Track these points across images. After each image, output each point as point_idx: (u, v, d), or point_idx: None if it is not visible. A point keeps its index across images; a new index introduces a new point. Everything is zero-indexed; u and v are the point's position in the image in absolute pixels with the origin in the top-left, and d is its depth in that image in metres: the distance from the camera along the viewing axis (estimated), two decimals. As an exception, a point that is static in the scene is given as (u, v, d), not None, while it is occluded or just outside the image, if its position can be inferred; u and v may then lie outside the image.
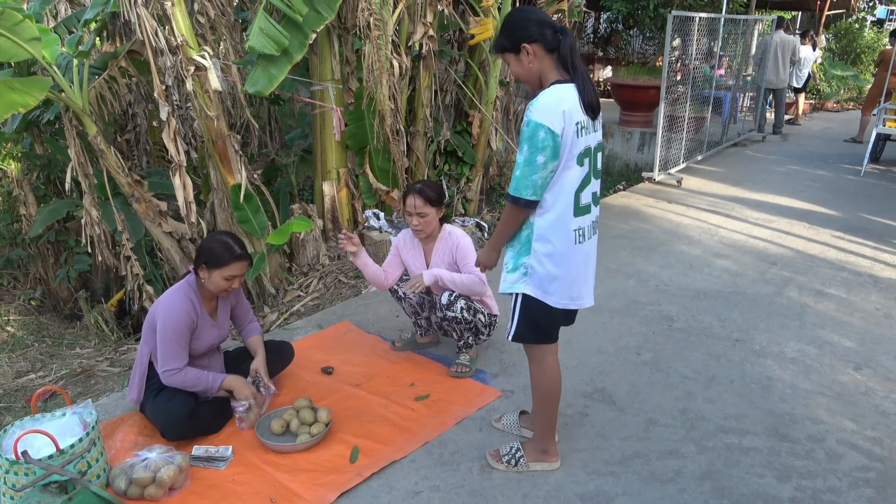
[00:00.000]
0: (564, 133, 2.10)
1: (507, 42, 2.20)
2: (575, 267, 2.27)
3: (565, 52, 2.15)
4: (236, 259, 2.71)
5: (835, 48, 15.68)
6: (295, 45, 4.18)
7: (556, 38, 2.15)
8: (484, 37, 5.35)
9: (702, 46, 7.91)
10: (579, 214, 2.23)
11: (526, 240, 2.27)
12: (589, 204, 2.27)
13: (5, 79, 3.83)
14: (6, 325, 5.56)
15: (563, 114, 2.09)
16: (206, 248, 2.72)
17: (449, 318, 3.16)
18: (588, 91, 2.14)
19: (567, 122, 2.10)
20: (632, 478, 2.54)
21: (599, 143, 2.29)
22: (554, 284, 2.26)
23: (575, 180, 2.19)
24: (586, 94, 2.14)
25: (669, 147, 7.73)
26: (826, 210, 6.43)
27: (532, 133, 2.09)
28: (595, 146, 2.25)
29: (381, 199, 5.35)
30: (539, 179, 2.13)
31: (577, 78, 2.14)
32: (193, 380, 2.70)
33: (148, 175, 5.49)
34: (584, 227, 2.26)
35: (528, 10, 2.21)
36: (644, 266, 4.82)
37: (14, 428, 2.43)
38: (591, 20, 15.22)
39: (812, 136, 10.84)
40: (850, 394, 3.16)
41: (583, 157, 2.18)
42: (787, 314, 4.03)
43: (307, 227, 4.52)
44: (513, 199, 2.19)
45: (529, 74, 2.21)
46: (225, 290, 2.77)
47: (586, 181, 2.22)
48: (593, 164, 2.25)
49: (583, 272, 2.32)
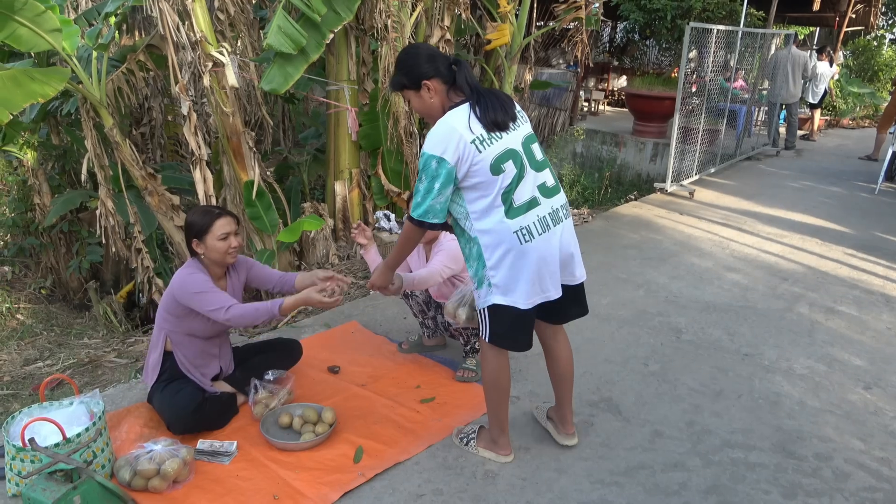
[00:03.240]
0: (460, 157, 2.18)
1: (406, 80, 2.29)
2: (532, 264, 2.28)
3: (461, 82, 2.25)
4: (218, 216, 2.70)
5: (852, 65, 15.59)
6: (312, 45, 4.20)
7: (451, 70, 2.26)
8: (500, 42, 5.36)
9: (718, 59, 7.88)
10: (517, 215, 2.25)
11: (477, 254, 2.32)
12: (532, 199, 2.28)
13: (26, 69, 3.87)
14: (16, 312, 5.60)
15: (454, 140, 2.17)
16: (189, 224, 2.73)
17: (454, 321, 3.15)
18: (488, 106, 2.21)
19: (460, 145, 2.18)
20: (636, 489, 2.52)
21: (528, 137, 2.32)
22: (517, 286, 2.29)
23: (496, 186, 2.22)
24: (486, 110, 2.20)
25: (683, 158, 7.70)
26: (839, 227, 6.39)
27: (425, 163, 2.21)
28: (523, 142, 2.29)
29: (392, 200, 5.36)
30: (438, 204, 2.24)
31: (472, 96, 2.23)
32: (252, 310, 2.62)
33: (161, 169, 5.53)
34: (528, 225, 2.26)
35: (419, 47, 2.35)
36: (654, 277, 4.80)
37: (22, 415, 2.45)
38: (607, 29, 15.21)
39: (827, 153, 10.78)
40: (859, 413, 3.13)
41: (502, 161, 2.22)
42: (798, 330, 4.00)
43: (318, 225, 4.54)
44: (417, 223, 2.28)
45: (431, 109, 2.31)
46: (227, 253, 2.71)
47: (518, 179, 2.25)
48: (527, 159, 2.29)
49: (545, 266, 2.31)
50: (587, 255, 4.87)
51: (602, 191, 8.12)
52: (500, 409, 2.56)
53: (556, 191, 2.38)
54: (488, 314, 2.38)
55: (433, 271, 3.05)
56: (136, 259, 4.82)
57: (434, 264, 3.09)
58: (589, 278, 4.88)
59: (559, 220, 2.35)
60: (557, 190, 2.38)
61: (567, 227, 2.39)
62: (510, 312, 2.33)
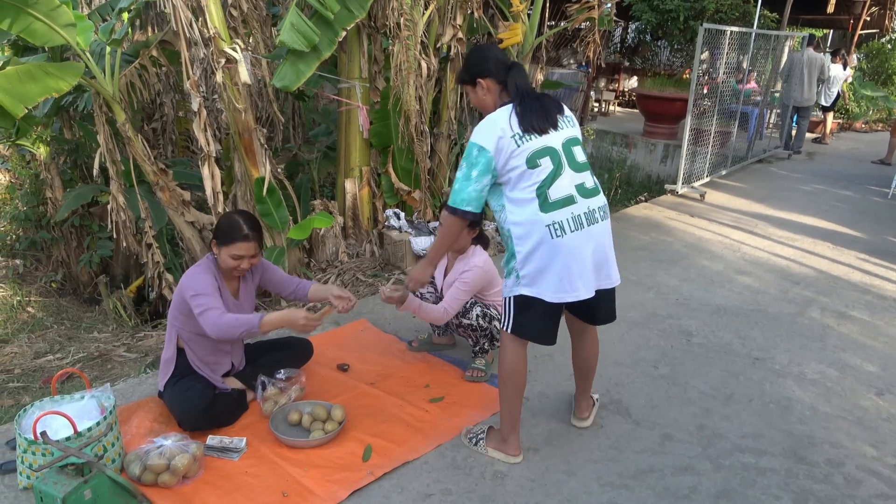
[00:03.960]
0: (498, 147, 2.33)
1: (465, 75, 2.53)
2: (562, 259, 2.34)
3: (510, 85, 2.43)
4: (241, 239, 2.65)
5: (866, 68, 15.45)
6: (324, 42, 4.19)
7: (506, 72, 2.45)
8: (512, 41, 5.34)
9: (731, 60, 7.83)
10: (550, 210, 2.33)
11: (510, 246, 2.43)
12: (568, 196, 2.35)
13: (40, 63, 3.89)
14: (27, 305, 5.63)
15: (495, 133, 2.34)
16: (219, 224, 2.74)
17: (464, 325, 3.16)
18: (527, 111, 2.36)
19: (501, 137, 2.33)
20: (646, 492, 2.51)
21: (570, 139, 2.44)
22: (543, 279, 2.36)
23: (532, 180, 2.33)
24: (525, 114, 2.35)
25: (694, 160, 7.67)
26: (851, 231, 6.34)
27: (468, 151, 2.38)
28: (563, 143, 2.40)
29: (402, 198, 5.35)
30: (474, 192, 2.37)
31: (516, 99, 2.39)
32: (234, 321, 2.56)
33: (173, 164, 5.54)
34: (561, 221, 2.33)
35: (485, 49, 2.55)
36: (664, 279, 4.78)
37: (34, 408, 2.46)
38: (619, 29, 15.15)
39: (839, 156, 10.70)
40: (872, 419, 3.10)
41: (538, 157, 2.34)
42: (809, 335, 3.97)
43: (328, 223, 4.54)
44: (451, 210, 2.42)
45: (484, 104, 2.51)
46: (233, 269, 2.71)
47: (553, 175, 2.34)
48: (566, 158, 2.39)
49: (575, 263, 2.35)
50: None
51: (612, 192, 8.09)
52: (513, 405, 2.58)
53: (596, 192, 2.46)
54: (513, 304, 2.45)
55: (439, 313, 3.04)
56: (146, 254, 4.83)
57: (445, 302, 3.06)
58: (599, 279, 4.84)
59: (595, 221, 2.41)
60: (597, 192, 2.47)
61: (603, 229, 2.45)
62: (535, 304, 2.39)
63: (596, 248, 2.41)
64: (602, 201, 2.47)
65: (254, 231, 2.71)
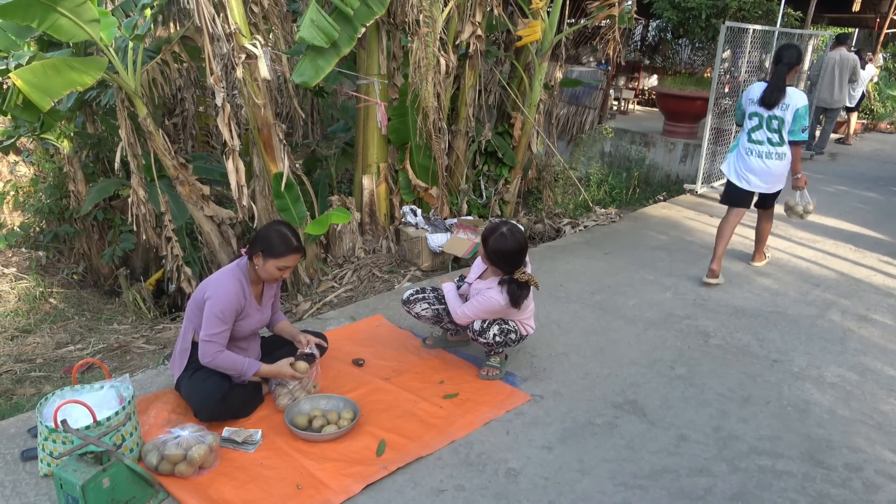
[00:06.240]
0: (743, 104, 4.51)
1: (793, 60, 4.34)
2: (745, 164, 4.49)
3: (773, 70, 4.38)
4: (293, 251, 2.77)
5: (892, 68, 15.19)
6: (344, 39, 4.21)
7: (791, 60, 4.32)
8: (531, 39, 5.32)
9: (753, 59, 7.73)
10: (750, 141, 4.45)
11: (734, 148, 4.61)
12: (762, 140, 4.39)
13: (65, 58, 3.95)
14: (49, 296, 5.73)
15: (745, 96, 4.50)
16: (265, 237, 2.76)
17: (480, 342, 3.16)
18: (767, 90, 4.28)
19: (745, 100, 4.49)
20: (660, 493, 2.49)
21: (770, 116, 4.32)
22: (731, 171, 4.59)
23: (747, 126, 4.47)
24: (765, 92, 4.30)
25: (714, 160, 7.58)
26: (874, 233, 6.24)
27: (738, 101, 4.63)
28: (769, 116, 4.33)
29: (419, 195, 5.36)
30: (738, 119, 4.64)
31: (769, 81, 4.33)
32: (230, 363, 2.73)
33: (193, 159, 5.60)
34: (751, 147, 4.44)
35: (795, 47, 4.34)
36: (682, 279, 4.74)
37: (55, 397, 2.50)
38: (639, 27, 15.02)
39: (863, 157, 10.52)
40: (892, 424, 3.05)
41: (752, 116, 4.42)
42: (829, 338, 3.92)
43: (346, 219, 4.56)
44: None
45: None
46: (276, 279, 2.83)
47: (756, 128, 4.41)
48: (765, 125, 4.36)
49: (748, 170, 4.48)
50: (614, 255, 4.83)
51: (630, 191, 8.03)
52: (717, 247, 4.60)
53: (780, 144, 4.35)
54: (727, 183, 4.66)
55: (455, 312, 3.13)
56: (165, 247, 4.89)
57: (466, 306, 3.12)
58: (615, 279, 4.84)
59: (770, 157, 4.40)
60: (781, 144, 4.34)
61: (770, 163, 4.39)
62: (729, 183, 4.62)
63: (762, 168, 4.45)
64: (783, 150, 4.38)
65: (299, 241, 2.81)
